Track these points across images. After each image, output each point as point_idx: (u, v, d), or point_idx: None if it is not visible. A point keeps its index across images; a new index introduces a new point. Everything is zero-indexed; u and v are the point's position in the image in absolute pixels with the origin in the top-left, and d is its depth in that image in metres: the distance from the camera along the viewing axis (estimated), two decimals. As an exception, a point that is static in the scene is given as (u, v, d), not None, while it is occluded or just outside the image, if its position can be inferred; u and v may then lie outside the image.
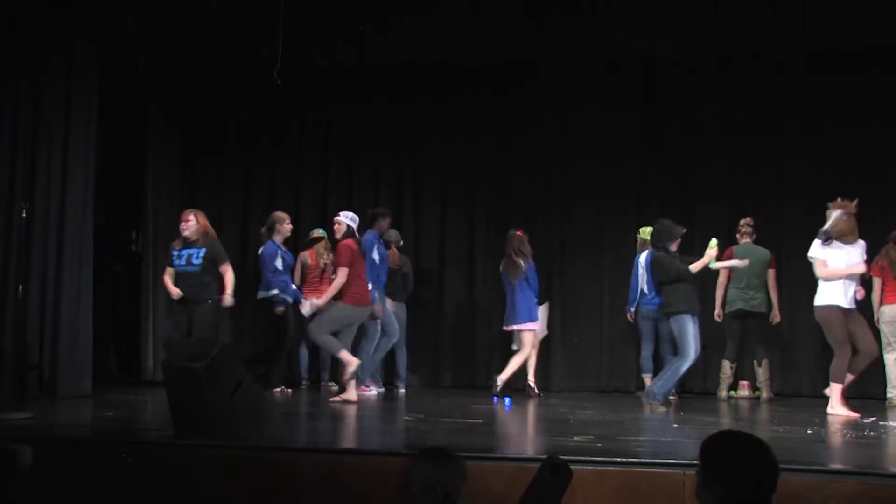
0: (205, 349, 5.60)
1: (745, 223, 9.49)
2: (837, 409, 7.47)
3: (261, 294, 9.34)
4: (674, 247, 8.36)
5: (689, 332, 8.00)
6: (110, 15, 8.80)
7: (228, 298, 8.37)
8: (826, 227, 7.62)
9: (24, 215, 7.91)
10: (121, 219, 10.34)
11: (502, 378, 8.98)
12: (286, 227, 9.41)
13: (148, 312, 10.11)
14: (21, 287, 7.93)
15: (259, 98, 10.52)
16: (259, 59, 9.35)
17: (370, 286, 8.52)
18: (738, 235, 9.52)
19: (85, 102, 8.65)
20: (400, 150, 10.98)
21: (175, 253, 8.37)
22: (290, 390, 9.28)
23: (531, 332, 9.19)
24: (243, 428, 5.39)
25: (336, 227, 8.70)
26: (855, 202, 7.68)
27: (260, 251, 9.43)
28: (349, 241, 8.40)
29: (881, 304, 8.88)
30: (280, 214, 9.49)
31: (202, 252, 8.25)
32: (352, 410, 7.65)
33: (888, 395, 8.69)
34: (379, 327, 9.17)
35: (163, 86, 10.22)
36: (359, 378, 8.49)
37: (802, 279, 8.97)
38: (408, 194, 10.92)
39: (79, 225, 8.56)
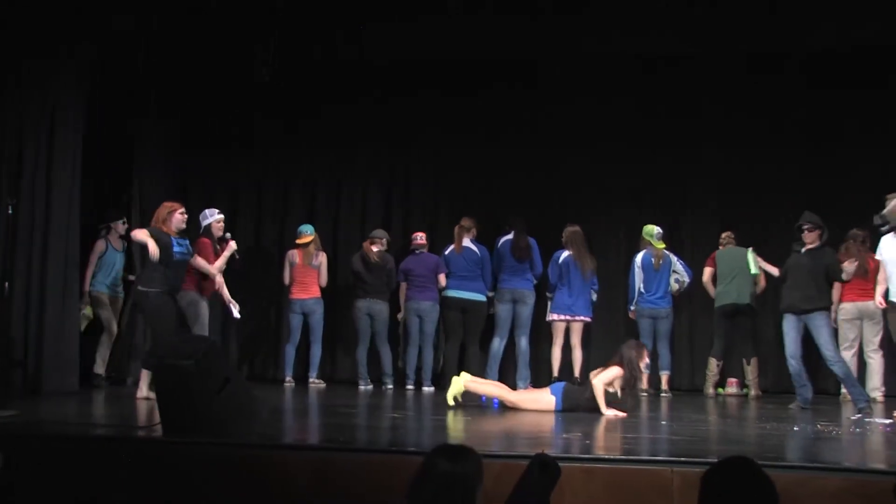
0: (194, 347, 5.60)
1: (726, 236, 9.85)
2: None
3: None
4: None
5: None
6: (99, 14, 8.78)
7: None
8: (883, 211, 7.69)
9: (10, 212, 7.89)
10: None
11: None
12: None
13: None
14: (6, 284, 7.89)
15: (250, 95, 10.52)
16: (250, 59, 9.37)
17: None
18: (721, 246, 9.80)
19: (72, 100, 8.63)
20: (390, 148, 11.02)
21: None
22: None
23: None
24: (232, 425, 5.41)
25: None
26: None
27: None
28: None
29: (840, 301, 9.08)
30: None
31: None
32: (341, 408, 7.69)
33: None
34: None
35: (154, 80, 10.19)
36: None
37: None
38: (398, 192, 10.98)
39: (65, 221, 8.54)
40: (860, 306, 9.06)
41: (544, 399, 7.67)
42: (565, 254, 9.70)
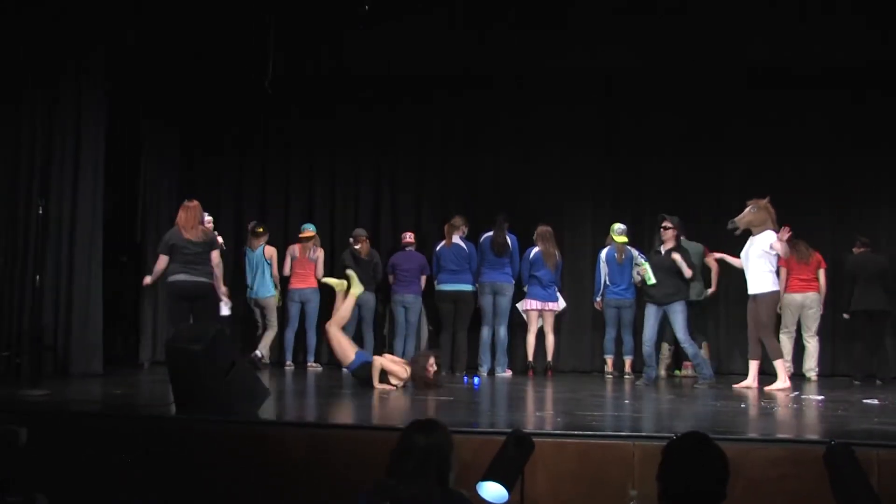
0: (204, 332, 5.51)
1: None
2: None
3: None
4: None
5: None
6: (116, 29, 8.67)
7: None
8: (736, 217, 8.03)
9: (40, 212, 7.83)
10: (127, 214, 10.13)
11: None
12: None
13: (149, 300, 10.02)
14: (38, 276, 7.83)
15: (251, 102, 10.36)
16: (250, 68, 9.25)
17: None
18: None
19: (95, 110, 8.58)
20: (379, 151, 10.94)
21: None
22: None
23: None
24: (237, 404, 5.33)
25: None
26: (767, 199, 7.98)
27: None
28: None
29: (785, 292, 9.18)
30: None
31: None
32: (335, 389, 7.60)
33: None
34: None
35: (161, 89, 10.06)
36: None
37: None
38: (385, 192, 10.90)
39: (89, 220, 8.51)
40: (802, 297, 9.12)
41: (347, 355, 7.70)
42: (535, 249, 9.64)
